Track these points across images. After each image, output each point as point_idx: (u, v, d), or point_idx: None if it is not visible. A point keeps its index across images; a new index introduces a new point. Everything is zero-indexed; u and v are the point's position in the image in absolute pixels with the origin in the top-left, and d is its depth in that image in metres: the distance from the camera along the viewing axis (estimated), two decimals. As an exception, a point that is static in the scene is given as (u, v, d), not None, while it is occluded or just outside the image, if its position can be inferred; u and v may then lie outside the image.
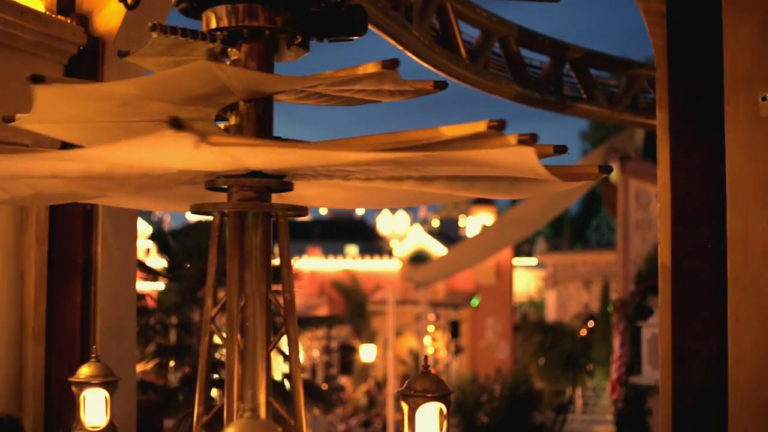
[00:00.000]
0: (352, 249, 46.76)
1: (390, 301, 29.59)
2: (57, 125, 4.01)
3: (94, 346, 4.94)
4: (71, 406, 6.12)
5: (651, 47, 5.69)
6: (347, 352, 36.48)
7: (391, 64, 3.43)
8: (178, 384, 13.45)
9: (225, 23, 3.88)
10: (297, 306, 4.24)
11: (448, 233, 48.36)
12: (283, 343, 4.24)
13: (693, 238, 5.29)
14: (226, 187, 3.91)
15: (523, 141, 3.03)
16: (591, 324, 31.42)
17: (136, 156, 3.34)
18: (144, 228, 23.96)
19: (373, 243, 49.35)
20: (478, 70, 11.10)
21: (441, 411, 3.83)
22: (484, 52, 11.20)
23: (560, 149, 3.72)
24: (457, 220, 51.45)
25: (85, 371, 4.47)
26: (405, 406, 3.85)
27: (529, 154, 3.10)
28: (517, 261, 45.99)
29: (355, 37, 4.08)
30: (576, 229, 48.30)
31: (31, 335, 6.12)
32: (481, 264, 37.36)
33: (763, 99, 4.94)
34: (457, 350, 39.70)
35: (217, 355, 14.25)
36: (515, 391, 22.08)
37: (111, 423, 4.46)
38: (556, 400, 27.51)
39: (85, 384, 4.45)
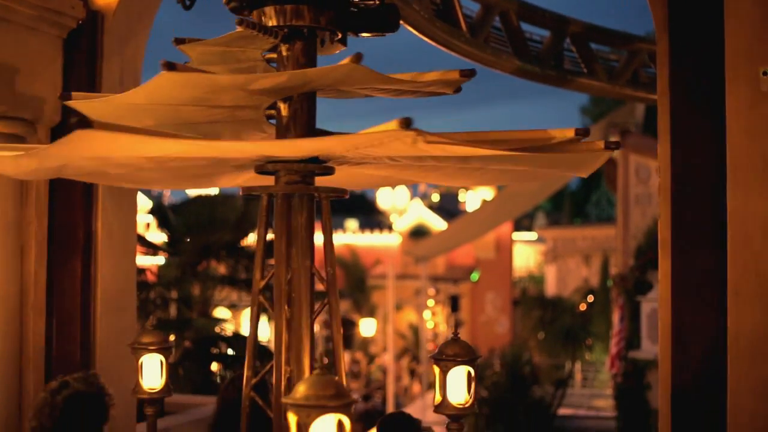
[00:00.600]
0: (352, 223, 46.76)
1: (390, 276, 29.61)
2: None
3: (151, 316, 5.77)
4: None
5: (652, 21, 5.67)
6: (347, 326, 36.52)
7: (470, 73, 4.11)
8: (178, 358, 13.47)
9: (280, 22, 4.33)
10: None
11: (448, 208, 48.39)
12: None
13: (693, 212, 5.29)
14: (273, 171, 4.37)
15: (609, 147, 3.76)
16: (590, 298, 31.46)
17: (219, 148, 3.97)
18: (144, 202, 23.96)
19: (373, 217, 49.37)
20: (479, 45, 11.06)
21: (469, 373, 4.41)
22: (484, 27, 11.15)
23: (612, 145, 4.16)
24: (457, 195, 51.47)
25: (144, 338, 4.90)
26: (437, 369, 4.42)
27: (605, 156, 3.83)
28: (517, 235, 46.03)
29: (388, 33, 4.59)
30: (576, 204, 48.29)
31: (32, 308, 6.13)
32: (480, 238, 37.38)
33: (764, 74, 4.93)
34: (457, 324, 39.75)
35: (220, 329, 14.31)
36: (515, 365, 22.07)
37: (167, 385, 4.97)
38: (555, 374, 27.55)
39: (143, 349, 4.88)
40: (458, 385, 4.42)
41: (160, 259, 15.61)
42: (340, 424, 3.05)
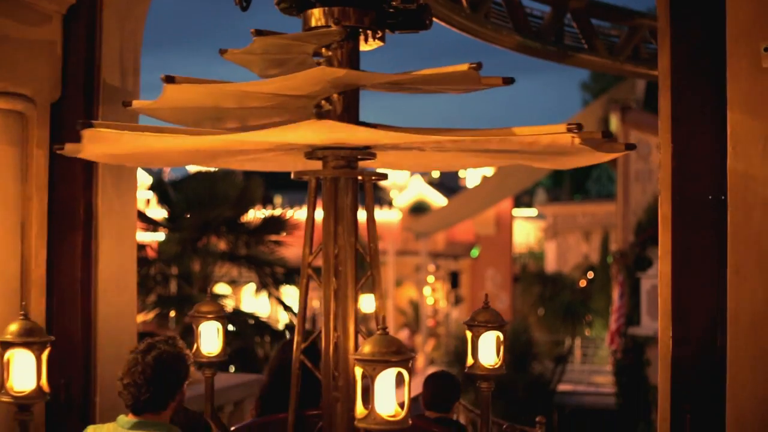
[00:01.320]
0: (352, 200, 46.64)
1: (390, 252, 29.64)
2: (175, 112, 5.00)
3: (209, 288, 6.78)
4: (74, 354, 6.16)
5: (653, -3, 5.65)
6: (347, 302, 36.51)
7: (477, 66, 4.42)
8: (179, 334, 13.47)
9: (328, 22, 4.87)
10: (296, 257, 4.95)
11: (448, 184, 48.38)
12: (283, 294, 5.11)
13: (693, 189, 5.28)
14: (321, 156, 4.93)
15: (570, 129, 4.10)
16: (590, 275, 31.54)
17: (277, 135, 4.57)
18: (144, 178, 23.92)
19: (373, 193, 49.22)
20: (479, 20, 11.02)
21: (498, 338, 4.91)
22: (485, 2, 11.11)
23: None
24: (456, 171, 51.42)
25: (202, 308, 5.30)
26: (469, 334, 4.91)
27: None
28: (517, 212, 46.03)
29: (422, 31, 5.14)
30: (576, 180, 48.22)
31: (32, 285, 6.14)
32: (481, 215, 37.42)
33: (765, 50, 4.92)
34: (457, 300, 39.83)
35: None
36: (514, 341, 22.12)
37: (224, 350, 5.35)
38: (555, 350, 27.63)
39: (201, 318, 5.28)
40: (488, 349, 4.92)
41: (160, 236, 15.60)
42: (400, 376, 3.72)
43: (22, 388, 4.53)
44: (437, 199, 42.92)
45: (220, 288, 16.05)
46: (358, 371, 3.76)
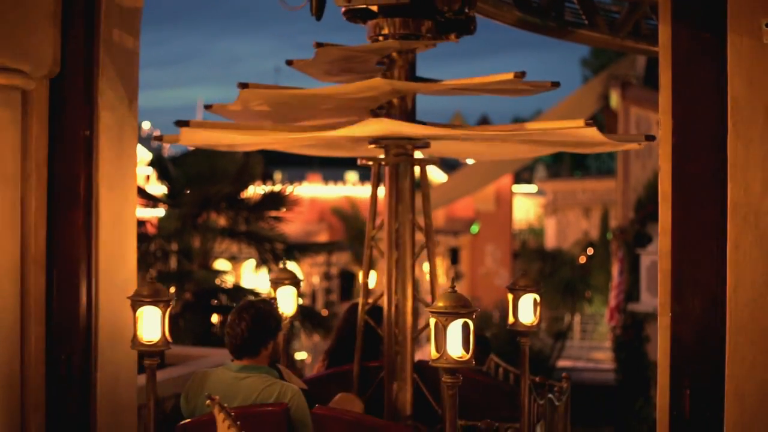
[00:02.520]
0: (352, 176, 46.73)
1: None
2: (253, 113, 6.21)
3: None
4: (74, 330, 6.17)
5: (654, -27, 5.63)
6: (347, 278, 36.60)
7: (521, 75, 5.27)
8: (179, 310, 13.50)
9: (391, 31, 5.82)
10: (296, 232, 6.17)
11: (448, 160, 48.27)
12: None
13: (694, 165, 5.28)
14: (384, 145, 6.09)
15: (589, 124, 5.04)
16: (590, 251, 31.50)
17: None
18: (144, 155, 23.91)
19: (373, 170, 49.18)
20: (479, -4, 10.97)
21: (535, 300, 5.91)
22: (485, -22, 11.06)
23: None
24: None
25: (280, 275, 6.50)
26: (511, 297, 5.85)
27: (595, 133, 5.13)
28: (517, 188, 46.02)
29: (467, 36, 6.11)
30: (576, 157, 48.22)
31: (32, 261, 6.14)
32: (480, 191, 37.37)
33: (766, 26, 4.91)
34: (457, 276, 39.87)
35: (220, 281, 14.32)
36: (514, 317, 22.12)
37: (297, 311, 6.58)
38: (554, 326, 27.67)
39: (279, 283, 6.48)
40: (527, 310, 5.90)
41: (159, 212, 15.59)
42: (466, 325, 4.66)
43: (150, 339, 5.14)
44: (437, 175, 42.88)
45: (220, 264, 16.03)
46: (432, 321, 4.67)
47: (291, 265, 16.02)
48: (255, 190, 14.81)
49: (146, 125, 47.59)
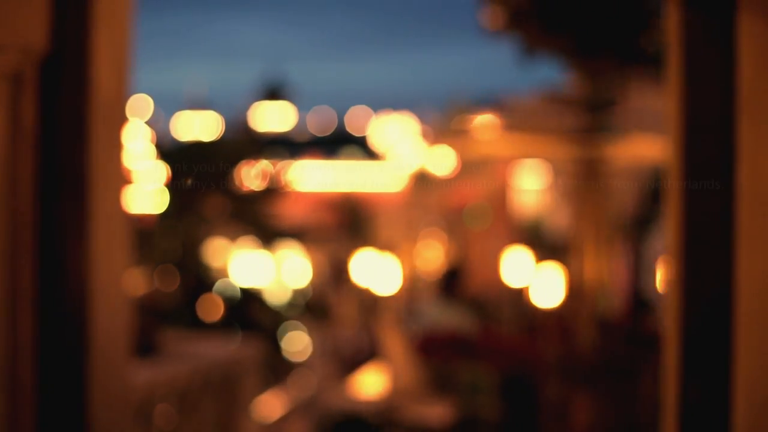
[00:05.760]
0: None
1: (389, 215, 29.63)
2: None
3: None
4: (65, 324, 6.09)
5: (662, -48, 5.55)
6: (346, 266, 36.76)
7: None
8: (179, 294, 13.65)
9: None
10: (290, 217, 5.69)
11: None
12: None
13: (702, 153, 5.22)
14: None
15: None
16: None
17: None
18: (139, 137, 23.95)
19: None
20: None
21: None
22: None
23: None
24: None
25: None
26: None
27: None
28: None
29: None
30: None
31: (22, 246, 6.05)
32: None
33: (780, 6, 4.86)
34: (456, 263, 39.96)
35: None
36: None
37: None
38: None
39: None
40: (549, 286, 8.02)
41: (155, 196, 15.72)
42: None
43: None
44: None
45: (217, 250, 16.17)
46: None
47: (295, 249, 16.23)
48: (250, 174, 15.01)
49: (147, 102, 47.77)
